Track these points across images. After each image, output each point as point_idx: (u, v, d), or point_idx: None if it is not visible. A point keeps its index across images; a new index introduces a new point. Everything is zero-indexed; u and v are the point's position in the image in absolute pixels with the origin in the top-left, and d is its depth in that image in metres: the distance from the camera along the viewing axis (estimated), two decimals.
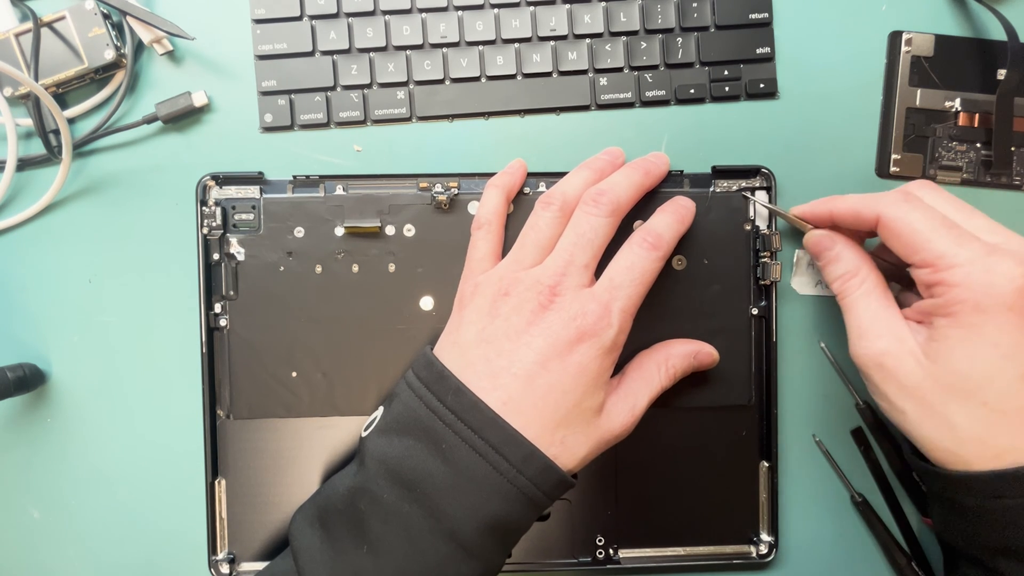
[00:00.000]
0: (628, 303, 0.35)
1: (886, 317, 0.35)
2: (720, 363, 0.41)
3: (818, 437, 0.43)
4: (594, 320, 0.33)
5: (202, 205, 0.41)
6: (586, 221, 0.36)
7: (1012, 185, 0.43)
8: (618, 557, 0.42)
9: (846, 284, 0.37)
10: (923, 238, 0.33)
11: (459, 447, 0.32)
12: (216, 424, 0.41)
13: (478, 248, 0.38)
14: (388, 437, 0.34)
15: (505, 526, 0.32)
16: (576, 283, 0.34)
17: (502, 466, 0.32)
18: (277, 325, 0.41)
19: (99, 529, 0.43)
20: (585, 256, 0.35)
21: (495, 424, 0.32)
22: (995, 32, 0.43)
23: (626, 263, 0.35)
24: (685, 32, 0.43)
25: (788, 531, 0.43)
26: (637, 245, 0.36)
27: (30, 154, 0.43)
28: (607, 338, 0.34)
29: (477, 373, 0.33)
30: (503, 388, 0.33)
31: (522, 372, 0.33)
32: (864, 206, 0.36)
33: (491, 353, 0.34)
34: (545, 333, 0.33)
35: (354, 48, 0.43)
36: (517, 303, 0.34)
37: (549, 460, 0.32)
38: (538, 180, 0.42)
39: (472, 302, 0.36)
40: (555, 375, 0.33)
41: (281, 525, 0.42)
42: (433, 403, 0.33)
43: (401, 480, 0.32)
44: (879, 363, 0.35)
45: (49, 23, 0.41)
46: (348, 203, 0.41)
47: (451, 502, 0.32)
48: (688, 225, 0.39)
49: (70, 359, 0.43)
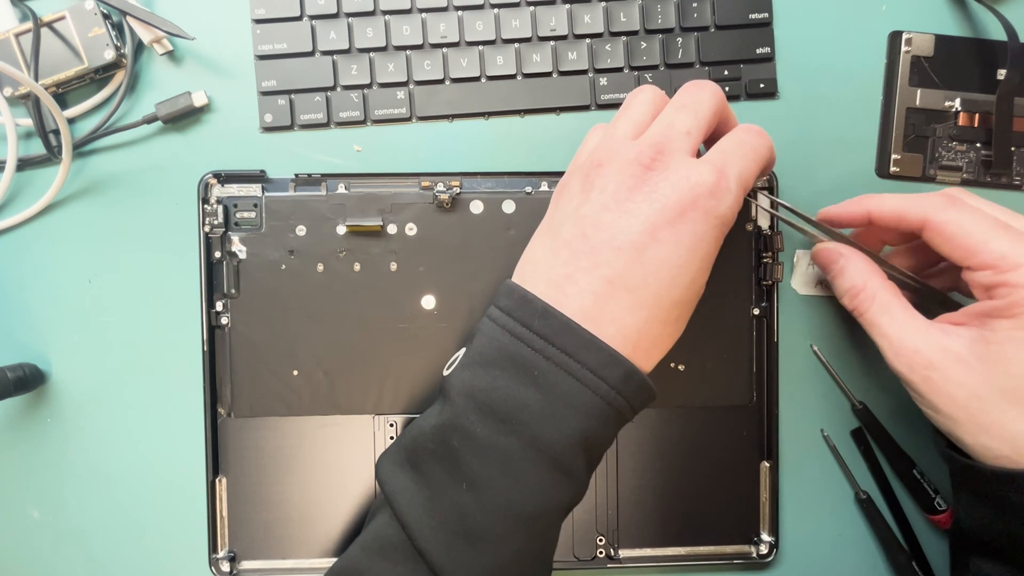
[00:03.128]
0: (744, 172, 0.31)
1: (917, 327, 0.34)
2: (721, 364, 0.41)
3: (825, 434, 0.43)
4: (711, 181, 0.30)
5: (204, 203, 0.41)
6: (687, 94, 0.33)
7: (1012, 185, 0.43)
8: (619, 556, 0.42)
9: (856, 299, 0.36)
10: (979, 240, 0.32)
11: (553, 372, 0.30)
12: (217, 422, 0.42)
13: (587, 144, 0.36)
14: (472, 370, 0.31)
15: (599, 445, 0.31)
16: (681, 147, 0.31)
17: (601, 388, 0.30)
18: (278, 323, 0.41)
19: (99, 529, 0.43)
20: (688, 122, 0.32)
21: (591, 344, 0.30)
22: (995, 32, 0.43)
23: (735, 139, 0.33)
24: (685, 32, 0.43)
25: (788, 531, 0.43)
26: (742, 131, 0.33)
27: (30, 154, 0.43)
28: (725, 205, 0.30)
29: (576, 252, 0.30)
30: (606, 264, 0.30)
31: (627, 244, 0.30)
32: (908, 209, 0.35)
33: (587, 228, 0.30)
34: (651, 197, 0.30)
35: (354, 48, 0.43)
36: (614, 170, 0.31)
37: (643, 375, 0.31)
38: (539, 179, 0.42)
39: (566, 188, 0.33)
40: (667, 246, 0.30)
41: (282, 523, 0.42)
42: (518, 329, 0.30)
43: (493, 412, 0.30)
44: (925, 376, 0.33)
45: (49, 23, 0.41)
46: (350, 202, 0.41)
47: (548, 429, 0.30)
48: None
49: (70, 359, 0.43)
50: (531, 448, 0.30)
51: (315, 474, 0.42)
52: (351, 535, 0.42)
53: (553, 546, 0.33)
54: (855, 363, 0.43)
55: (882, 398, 0.43)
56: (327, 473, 0.42)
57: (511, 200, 0.41)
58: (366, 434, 0.42)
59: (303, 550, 0.42)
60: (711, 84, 0.34)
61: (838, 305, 0.43)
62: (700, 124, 0.32)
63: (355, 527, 0.42)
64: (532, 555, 0.31)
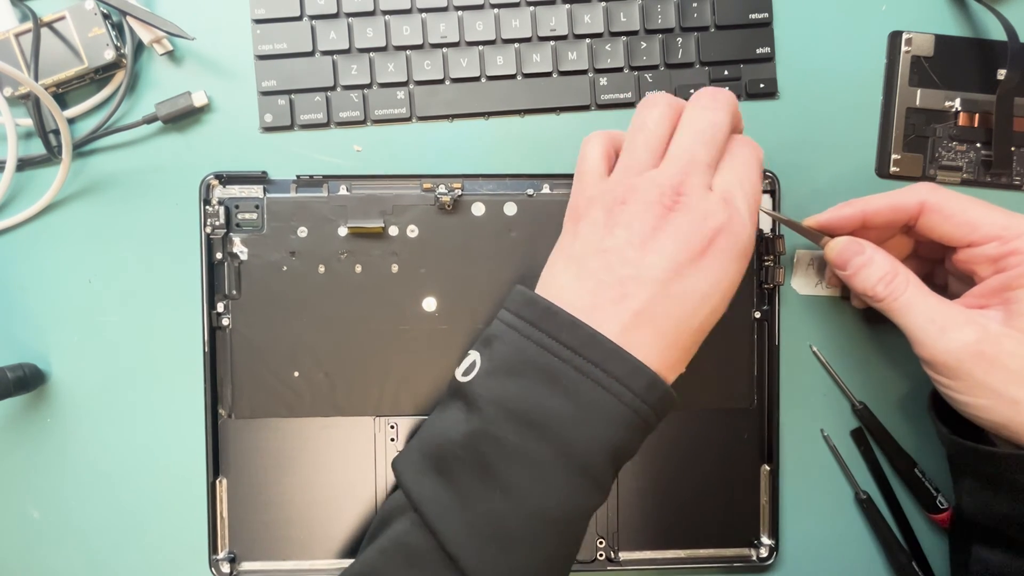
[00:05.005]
0: (751, 195, 0.32)
1: (955, 308, 0.34)
2: (722, 366, 0.41)
3: (825, 434, 0.43)
4: (725, 219, 0.31)
5: (205, 204, 0.41)
6: (704, 117, 0.33)
7: (1012, 185, 0.43)
8: (619, 559, 0.42)
9: (891, 285, 0.36)
10: (979, 214, 0.33)
11: (582, 382, 0.30)
12: (217, 423, 0.41)
13: (588, 157, 0.36)
14: (499, 379, 0.32)
15: (626, 453, 0.32)
16: (701, 183, 0.32)
17: (626, 396, 0.30)
18: (280, 325, 0.41)
19: (99, 529, 0.43)
20: (708, 154, 0.32)
21: (617, 355, 0.30)
22: (995, 32, 0.43)
23: (736, 161, 0.33)
24: (685, 32, 0.43)
25: (789, 531, 0.43)
26: (739, 147, 0.34)
27: (30, 154, 0.42)
28: (744, 239, 0.32)
29: (601, 284, 0.31)
30: (632, 297, 0.31)
31: (651, 279, 0.31)
32: (901, 198, 0.36)
33: (614, 262, 0.31)
34: (674, 236, 0.31)
35: (354, 48, 0.43)
36: (638, 209, 0.32)
37: (667, 386, 0.31)
38: (541, 182, 0.42)
39: (587, 215, 0.33)
40: (692, 282, 0.31)
41: (282, 525, 0.42)
42: (545, 340, 0.31)
43: (524, 420, 0.31)
44: (978, 352, 0.33)
45: (49, 23, 0.41)
46: (352, 203, 0.41)
47: (578, 436, 0.30)
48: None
49: (70, 359, 0.43)
50: (562, 455, 0.31)
51: (315, 475, 0.42)
52: (351, 536, 0.42)
53: (577, 548, 0.33)
54: (855, 363, 0.43)
55: (882, 398, 0.43)
56: (327, 475, 0.42)
57: (513, 202, 0.41)
58: (367, 436, 0.42)
59: (303, 551, 0.42)
60: (727, 98, 0.34)
61: (838, 305, 0.43)
62: (719, 150, 0.33)
63: (356, 528, 0.42)
64: (560, 557, 0.32)
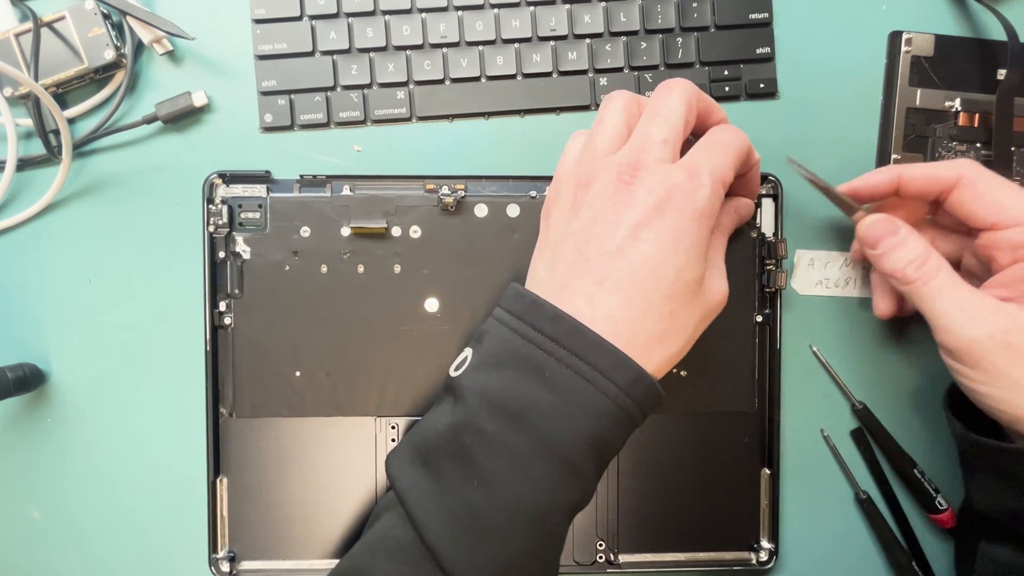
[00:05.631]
0: (717, 166, 0.33)
1: (985, 297, 0.34)
2: (723, 370, 0.41)
3: (825, 434, 0.43)
4: (683, 180, 0.31)
5: (208, 203, 0.41)
6: (659, 102, 0.34)
7: None
8: (619, 562, 0.42)
9: (922, 269, 0.35)
10: (1011, 198, 0.33)
11: (563, 373, 0.31)
12: (218, 422, 0.41)
13: (565, 153, 0.36)
14: (486, 371, 0.32)
15: (609, 447, 0.32)
16: (657, 157, 0.32)
17: (610, 389, 0.30)
18: (282, 324, 0.41)
19: (99, 529, 0.43)
20: (662, 131, 0.33)
21: (600, 347, 0.31)
22: (995, 32, 0.43)
23: (707, 139, 0.34)
24: (685, 32, 0.43)
25: (789, 532, 0.43)
26: (715, 131, 0.34)
27: (30, 154, 0.42)
28: (700, 199, 0.31)
29: (570, 264, 0.32)
30: (596, 268, 0.31)
31: (614, 248, 0.31)
32: (940, 169, 0.35)
33: (580, 241, 0.32)
34: (633, 207, 0.31)
35: (354, 48, 0.43)
36: (599, 187, 0.33)
37: (652, 380, 0.31)
38: (544, 184, 0.42)
39: (556, 204, 0.35)
40: (648, 244, 0.31)
41: (282, 524, 0.42)
42: (529, 333, 0.32)
43: (505, 411, 0.31)
44: (1005, 342, 0.32)
45: (49, 23, 0.41)
46: (354, 203, 0.41)
47: (558, 427, 0.30)
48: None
49: (70, 359, 0.43)
50: (540, 445, 0.30)
51: (316, 475, 0.42)
52: (352, 536, 0.42)
53: (560, 546, 0.33)
54: (855, 363, 0.43)
55: (882, 398, 0.43)
56: (328, 474, 0.42)
57: (515, 204, 0.41)
58: (368, 436, 0.42)
59: (303, 551, 0.42)
60: (679, 84, 0.34)
61: (838, 305, 0.43)
62: (675, 129, 0.33)
63: (356, 529, 0.42)
64: (539, 553, 0.32)
